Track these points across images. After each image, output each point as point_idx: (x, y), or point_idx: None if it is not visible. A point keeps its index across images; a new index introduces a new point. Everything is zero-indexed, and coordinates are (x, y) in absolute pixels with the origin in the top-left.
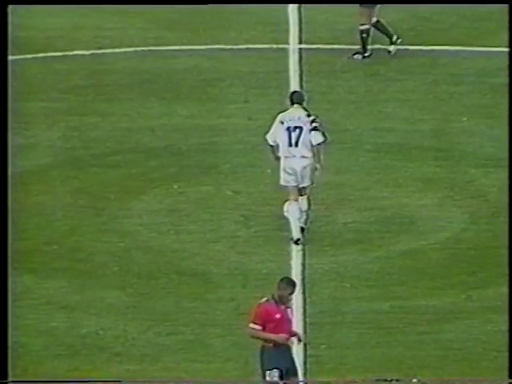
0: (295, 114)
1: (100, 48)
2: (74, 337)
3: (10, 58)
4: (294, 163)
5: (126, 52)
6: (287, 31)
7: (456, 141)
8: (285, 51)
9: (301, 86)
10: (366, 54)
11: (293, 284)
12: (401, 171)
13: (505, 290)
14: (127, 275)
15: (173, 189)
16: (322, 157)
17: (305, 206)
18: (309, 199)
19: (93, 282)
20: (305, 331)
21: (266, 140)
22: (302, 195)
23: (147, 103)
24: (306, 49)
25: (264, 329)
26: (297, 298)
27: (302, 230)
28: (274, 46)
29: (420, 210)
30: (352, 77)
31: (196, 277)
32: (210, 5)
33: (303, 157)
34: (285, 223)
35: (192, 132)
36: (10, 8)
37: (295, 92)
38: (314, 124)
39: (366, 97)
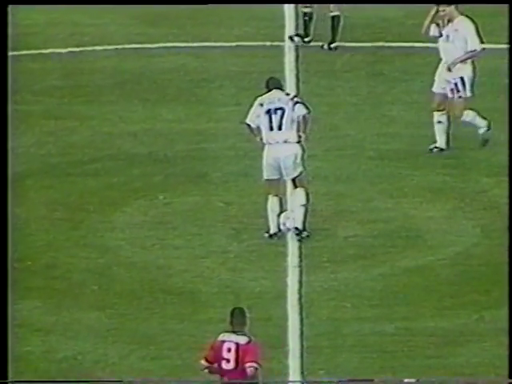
0: (275, 96)
1: (78, 46)
2: (50, 362)
3: None
4: (277, 151)
5: (106, 50)
6: (282, 27)
7: (467, 147)
8: (280, 49)
9: (297, 87)
10: (307, 39)
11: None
12: (406, 180)
13: None
14: (108, 294)
15: (158, 200)
16: (307, 128)
17: (302, 200)
18: (306, 191)
19: (70, 302)
20: (302, 355)
21: (246, 125)
22: (296, 187)
23: (130, 106)
24: (303, 46)
25: None
26: (293, 319)
27: (298, 230)
28: (268, 43)
29: (428, 223)
30: (353, 77)
31: (183, 296)
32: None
33: (286, 142)
34: (280, 236)
35: (178, 137)
36: None
37: (271, 78)
38: (296, 99)
39: (368, 99)
